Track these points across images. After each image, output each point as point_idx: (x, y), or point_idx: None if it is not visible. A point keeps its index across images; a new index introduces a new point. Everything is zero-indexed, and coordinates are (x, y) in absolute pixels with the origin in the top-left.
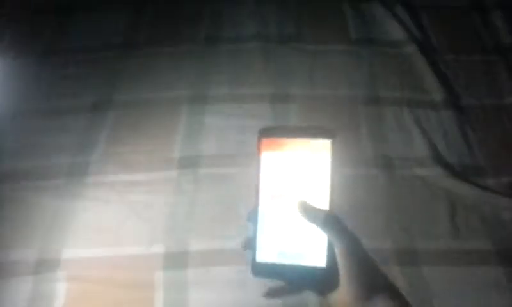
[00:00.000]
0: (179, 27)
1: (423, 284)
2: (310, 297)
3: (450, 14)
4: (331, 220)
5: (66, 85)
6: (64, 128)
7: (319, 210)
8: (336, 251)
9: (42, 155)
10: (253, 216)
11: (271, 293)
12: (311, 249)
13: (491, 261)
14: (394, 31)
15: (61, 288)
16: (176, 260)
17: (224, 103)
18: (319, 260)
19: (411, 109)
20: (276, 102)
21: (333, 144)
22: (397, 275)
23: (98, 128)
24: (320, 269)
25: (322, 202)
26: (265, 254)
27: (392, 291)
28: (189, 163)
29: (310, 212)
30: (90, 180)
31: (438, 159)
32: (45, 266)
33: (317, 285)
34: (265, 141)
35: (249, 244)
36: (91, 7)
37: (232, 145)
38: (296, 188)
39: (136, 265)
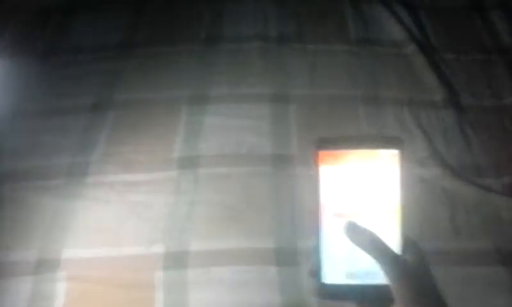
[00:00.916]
0: (179, 27)
1: None
2: (310, 296)
3: (450, 14)
4: (375, 245)
5: (66, 85)
6: (64, 128)
7: (366, 232)
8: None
9: (42, 155)
10: (315, 236)
11: None
12: (376, 266)
13: (491, 261)
14: (394, 31)
15: (61, 288)
16: (176, 260)
17: (224, 103)
18: (385, 278)
19: (411, 109)
20: (276, 101)
21: (401, 154)
22: None
23: (98, 128)
24: (387, 286)
25: (392, 221)
26: (332, 276)
27: None
28: (189, 163)
29: (356, 235)
30: (90, 180)
31: (438, 159)
32: (45, 266)
33: (387, 303)
34: (323, 154)
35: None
36: (91, 8)
37: (232, 145)
38: (362, 206)
39: (136, 265)
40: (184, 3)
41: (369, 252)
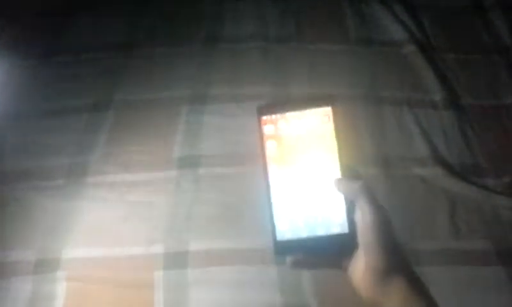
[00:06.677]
0: (179, 27)
1: None
2: (310, 296)
3: (450, 14)
4: (364, 191)
5: (66, 85)
6: (64, 128)
7: (353, 181)
8: (363, 220)
9: (42, 155)
10: (265, 194)
11: (297, 264)
12: (330, 216)
13: (491, 261)
14: (394, 31)
15: (60, 288)
16: (176, 260)
17: (224, 103)
18: (341, 227)
19: (411, 109)
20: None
21: (334, 109)
22: None
23: (98, 128)
24: (344, 235)
25: (333, 168)
26: (284, 232)
27: (410, 274)
28: (189, 163)
29: (345, 186)
30: (90, 180)
31: (438, 159)
32: (45, 266)
33: (342, 252)
34: (264, 120)
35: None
36: (91, 8)
37: (232, 145)
38: (304, 159)
39: (136, 265)
40: (184, 3)
41: (356, 198)
